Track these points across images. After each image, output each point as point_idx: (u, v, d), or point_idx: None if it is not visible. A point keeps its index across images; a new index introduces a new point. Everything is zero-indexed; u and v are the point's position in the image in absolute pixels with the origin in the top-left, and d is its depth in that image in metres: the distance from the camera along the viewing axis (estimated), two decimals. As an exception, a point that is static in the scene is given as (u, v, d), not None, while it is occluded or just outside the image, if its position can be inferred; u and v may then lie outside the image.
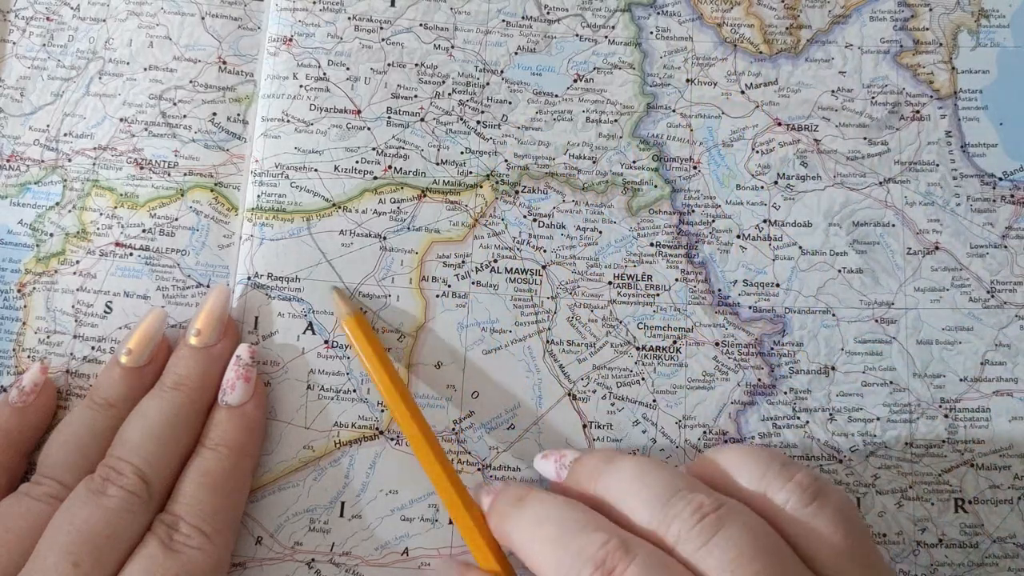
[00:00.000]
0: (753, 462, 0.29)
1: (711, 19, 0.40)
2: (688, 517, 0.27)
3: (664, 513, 0.27)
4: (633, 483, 0.29)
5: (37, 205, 0.38)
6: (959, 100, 0.39)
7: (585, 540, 0.27)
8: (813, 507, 0.28)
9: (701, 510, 0.27)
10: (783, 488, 0.28)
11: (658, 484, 0.28)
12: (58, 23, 0.40)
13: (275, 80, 0.38)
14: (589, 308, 0.37)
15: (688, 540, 0.26)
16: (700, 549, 0.26)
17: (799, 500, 0.28)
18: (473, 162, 0.38)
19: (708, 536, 0.26)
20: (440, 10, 0.39)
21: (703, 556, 0.26)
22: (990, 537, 0.35)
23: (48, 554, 0.29)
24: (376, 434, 0.35)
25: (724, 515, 0.27)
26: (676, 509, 0.27)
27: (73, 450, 0.33)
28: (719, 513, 0.27)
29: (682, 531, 0.27)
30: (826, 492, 0.28)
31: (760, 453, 0.29)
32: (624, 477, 0.29)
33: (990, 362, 0.37)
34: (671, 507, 0.27)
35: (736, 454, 0.30)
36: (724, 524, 0.27)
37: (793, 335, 0.37)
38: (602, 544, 0.27)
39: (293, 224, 0.37)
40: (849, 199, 0.38)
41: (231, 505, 0.33)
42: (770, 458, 0.29)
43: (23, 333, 0.37)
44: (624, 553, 0.27)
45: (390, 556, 0.35)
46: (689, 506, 0.27)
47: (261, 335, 0.36)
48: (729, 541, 0.26)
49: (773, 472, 0.28)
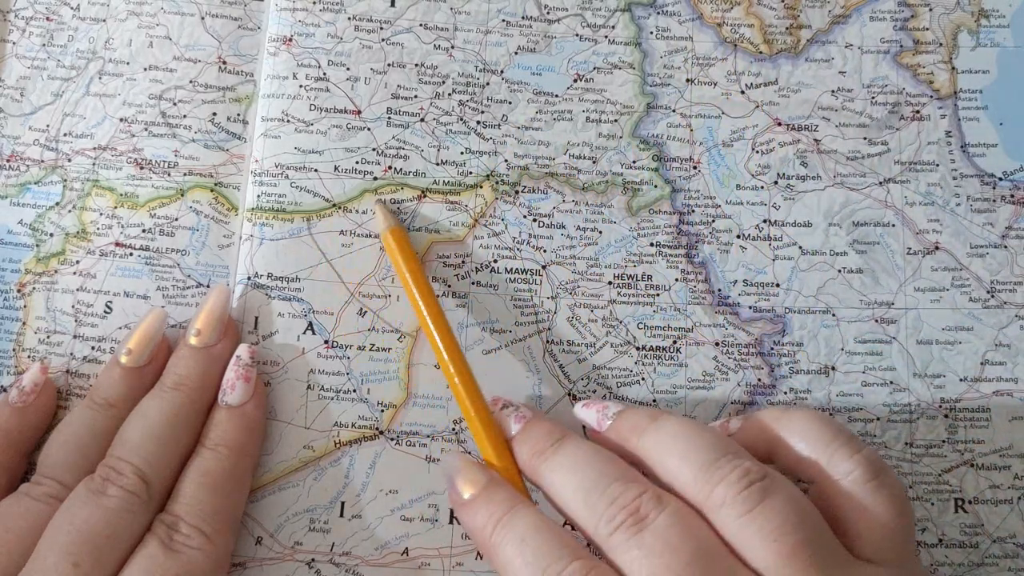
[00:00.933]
0: (822, 428, 0.29)
1: (711, 19, 0.40)
2: (735, 482, 0.27)
3: (708, 475, 0.27)
4: (677, 442, 0.29)
5: (37, 205, 0.38)
6: (959, 100, 0.39)
7: (621, 489, 0.28)
8: (874, 484, 0.28)
9: (748, 476, 0.27)
10: (850, 458, 0.28)
11: (704, 445, 0.28)
12: (58, 23, 0.40)
13: (275, 80, 0.38)
14: (589, 308, 0.37)
15: (732, 505, 0.26)
16: (743, 516, 0.26)
17: (863, 474, 0.28)
18: (473, 162, 0.38)
19: (753, 503, 0.26)
20: (440, 10, 0.39)
21: (745, 523, 0.26)
22: (990, 537, 0.35)
23: (48, 554, 0.29)
24: (376, 434, 0.35)
25: (769, 485, 0.27)
26: (722, 472, 0.27)
27: (73, 450, 0.33)
28: (764, 483, 0.27)
29: (727, 495, 0.27)
30: (887, 472, 0.28)
31: (830, 421, 0.29)
32: (669, 435, 0.29)
33: (990, 362, 0.37)
34: (716, 469, 0.27)
35: (805, 418, 0.29)
36: (769, 494, 0.27)
37: (793, 335, 0.37)
38: (637, 495, 0.27)
39: (293, 224, 0.37)
40: (849, 199, 0.38)
41: (231, 505, 0.33)
42: (839, 428, 0.29)
43: (23, 333, 0.37)
44: (656, 503, 0.27)
45: (390, 556, 0.35)
46: (736, 471, 0.27)
47: (261, 335, 0.36)
48: (774, 511, 0.26)
49: (841, 441, 0.28)
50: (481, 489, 0.30)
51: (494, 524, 0.29)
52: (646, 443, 0.30)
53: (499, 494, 0.30)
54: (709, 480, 0.27)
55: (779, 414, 0.30)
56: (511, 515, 0.29)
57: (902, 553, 0.28)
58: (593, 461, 0.29)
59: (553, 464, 0.30)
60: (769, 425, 0.30)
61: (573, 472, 0.29)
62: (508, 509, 0.29)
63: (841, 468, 0.28)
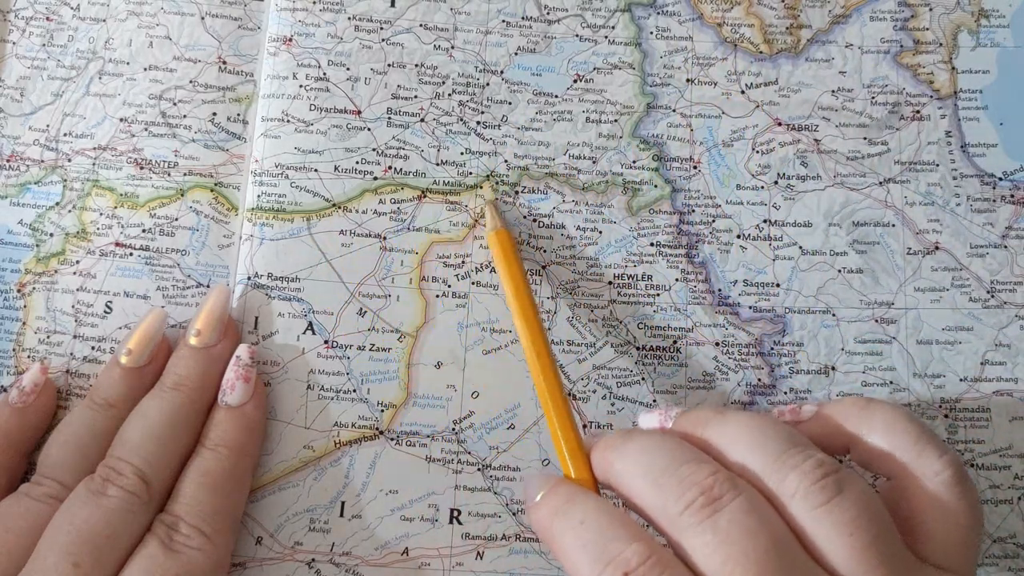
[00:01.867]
0: (909, 424, 0.28)
1: (711, 19, 0.40)
2: (809, 471, 0.26)
3: (780, 463, 0.26)
4: (745, 432, 0.28)
5: (37, 205, 0.38)
6: (959, 100, 0.39)
7: (693, 468, 0.27)
8: (960, 489, 0.27)
9: (822, 467, 0.26)
10: (939, 459, 0.27)
11: (774, 435, 0.27)
12: (58, 23, 0.40)
13: (275, 80, 0.38)
14: (589, 308, 0.37)
15: (807, 496, 0.26)
16: (818, 508, 0.25)
17: (952, 477, 0.27)
18: (473, 162, 0.38)
19: (829, 496, 0.26)
20: (440, 10, 0.39)
21: (820, 516, 0.25)
22: (990, 537, 0.35)
23: (48, 554, 0.29)
24: (376, 434, 0.35)
25: (844, 478, 0.26)
26: (794, 461, 0.26)
27: (73, 450, 0.33)
28: (839, 476, 0.26)
29: (802, 485, 0.26)
30: (970, 479, 0.28)
31: (917, 418, 0.29)
32: (736, 425, 0.28)
33: (990, 362, 0.37)
34: (789, 458, 0.26)
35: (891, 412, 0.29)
36: (845, 487, 0.26)
37: (793, 335, 0.37)
38: (711, 473, 0.26)
39: (293, 224, 0.37)
40: (849, 199, 0.38)
41: (231, 505, 0.33)
42: (925, 426, 0.28)
43: (23, 333, 0.37)
44: (732, 486, 0.26)
45: (390, 556, 0.35)
46: (809, 461, 0.26)
47: (261, 335, 0.36)
48: (850, 504, 0.25)
49: (927, 439, 0.28)
50: (549, 488, 0.29)
51: (554, 513, 0.28)
52: (711, 433, 0.28)
53: (563, 488, 0.29)
54: (781, 469, 0.26)
55: (860, 406, 0.29)
56: (571, 502, 0.28)
57: (970, 562, 0.27)
58: (663, 444, 0.28)
59: (622, 452, 0.28)
60: (847, 417, 0.29)
61: (642, 455, 0.28)
62: (570, 498, 0.28)
63: (930, 467, 0.27)
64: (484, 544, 0.35)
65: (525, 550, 0.35)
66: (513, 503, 0.35)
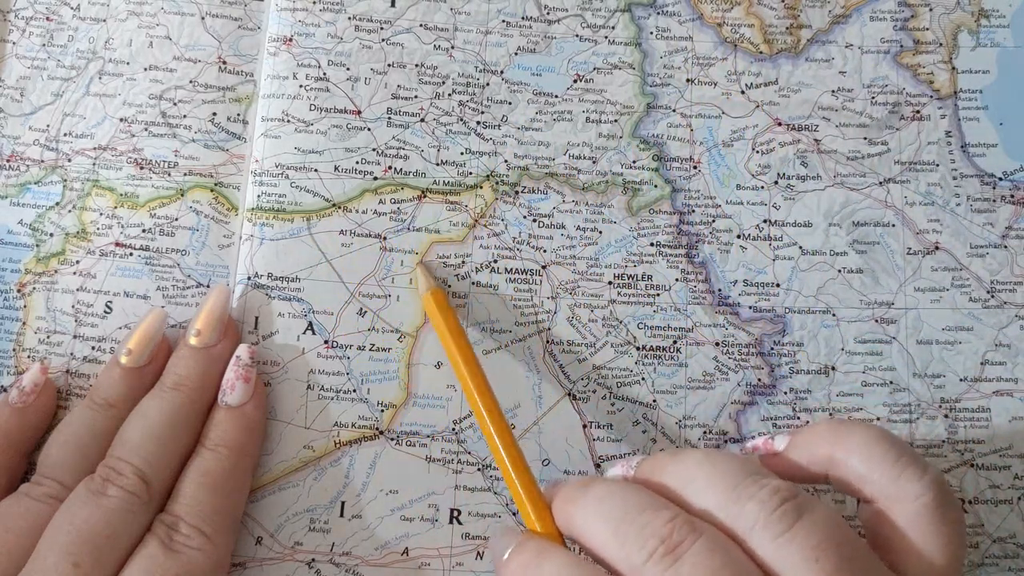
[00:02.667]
0: (887, 445, 0.27)
1: (711, 19, 0.40)
2: (766, 500, 0.25)
3: (736, 495, 0.26)
4: (701, 467, 0.27)
5: (37, 205, 0.38)
6: (959, 100, 0.39)
7: (651, 516, 0.26)
8: (942, 511, 0.26)
9: (779, 494, 0.25)
10: (919, 480, 0.26)
11: (728, 468, 0.27)
12: (58, 23, 0.40)
13: (275, 80, 0.38)
14: (589, 308, 0.37)
15: (767, 526, 0.25)
16: (780, 537, 0.25)
17: (934, 499, 0.26)
18: (473, 162, 0.38)
19: (789, 523, 0.25)
20: (440, 10, 0.39)
21: (782, 544, 0.25)
22: (990, 537, 0.35)
23: (48, 554, 0.29)
24: (376, 434, 0.35)
25: (804, 503, 0.25)
26: (750, 491, 0.26)
27: (73, 450, 0.33)
28: (798, 500, 0.25)
29: (760, 515, 0.25)
30: (954, 499, 0.27)
31: (894, 437, 0.28)
32: (690, 463, 0.28)
33: (990, 362, 0.37)
34: (744, 489, 0.26)
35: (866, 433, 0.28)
36: (805, 511, 0.25)
37: (793, 335, 0.37)
38: (668, 520, 0.26)
39: (293, 224, 0.37)
40: (849, 199, 0.38)
41: (231, 505, 0.33)
42: (904, 445, 0.28)
43: (23, 333, 0.37)
44: (691, 529, 0.25)
45: (390, 556, 0.35)
46: (764, 490, 0.26)
47: (261, 335, 0.36)
48: (812, 529, 0.25)
49: (907, 460, 0.27)
50: (516, 544, 0.29)
51: (524, 570, 0.28)
52: (668, 475, 0.28)
53: (531, 543, 0.29)
54: (738, 500, 0.26)
55: (836, 427, 0.28)
56: (541, 557, 0.28)
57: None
58: (621, 492, 0.28)
59: (582, 504, 0.28)
60: (822, 440, 0.28)
61: (601, 505, 0.28)
62: (539, 553, 0.28)
63: (910, 490, 0.26)
64: (484, 544, 0.35)
65: (525, 550, 0.35)
66: (513, 503, 0.35)
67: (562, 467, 0.35)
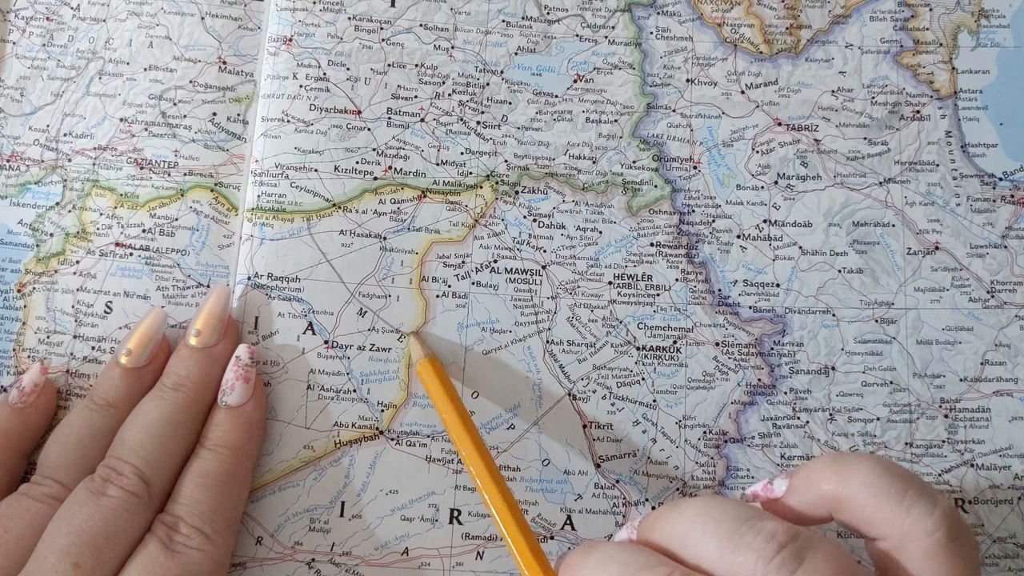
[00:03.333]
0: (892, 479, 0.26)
1: (711, 19, 0.40)
2: (763, 547, 0.24)
3: (733, 545, 0.25)
4: (697, 519, 0.26)
5: (37, 205, 0.38)
6: (959, 100, 0.39)
7: (649, 574, 0.25)
8: (956, 545, 0.25)
9: (776, 539, 0.24)
10: (930, 516, 0.25)
11: (724, 516, 0.26)
12: (58, 23, 0.40)
13: (275, 80, 0.38)
14: (589, 308, 0.37)
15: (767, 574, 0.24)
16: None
17: (947, 534, 0.25)
18: (473, 162, 0.38)
19: (791, 569, 0.24)
20: (440, 10, 0.39)
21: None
22: (990, 537, 0.35)
23: (48, 554, 0.29)
24: (376, 434, 0.35)
25: (804, 545, 0.24)
26: (747, 539, 0.25)
27: (73, 450, 0.33)
28: (797, 544, 0.24)
29: (759, 566, 0.24)
30: (967, 530, 0.26)
31: (898, 469, 0.26)
32: (687, 516, 0.27)
33: (990, 362, 0.37)
34: (740, 537, 0.25)
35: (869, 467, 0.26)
36: (805, 555, 0.24)
37: (793, 335, 0.37)
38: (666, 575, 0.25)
39: (293, 224, 0.37)
40: (849, 199, 0.38)
41: (231, 505, 0.33)
42: (908, 476, 0.26)
43: (23, 333, 0.37)
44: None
45: (390, 556, 0.35)
46: (760, 536, 0.25)
47: (261, 335, 0.36)
48: (815, 571, 0.24)
49: (915, 494, 0.26)
50: None
51: None
52: (667, 532, 0.27)
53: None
54: (735, 551, 0.25)
55: (836, 464, 0.27)
56: None
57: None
58: (619, 555, 0.27)
59: (583, 565, 0.27)
60: (823, 478, 0.27)
61: (601, 567, 0.27)
62: None
63: (921, 528, 0.25)
64: (484, 544, 0.35)
65: (525, 550, 0.35)
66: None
67: (562, 467, 0.35)
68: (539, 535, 0.35)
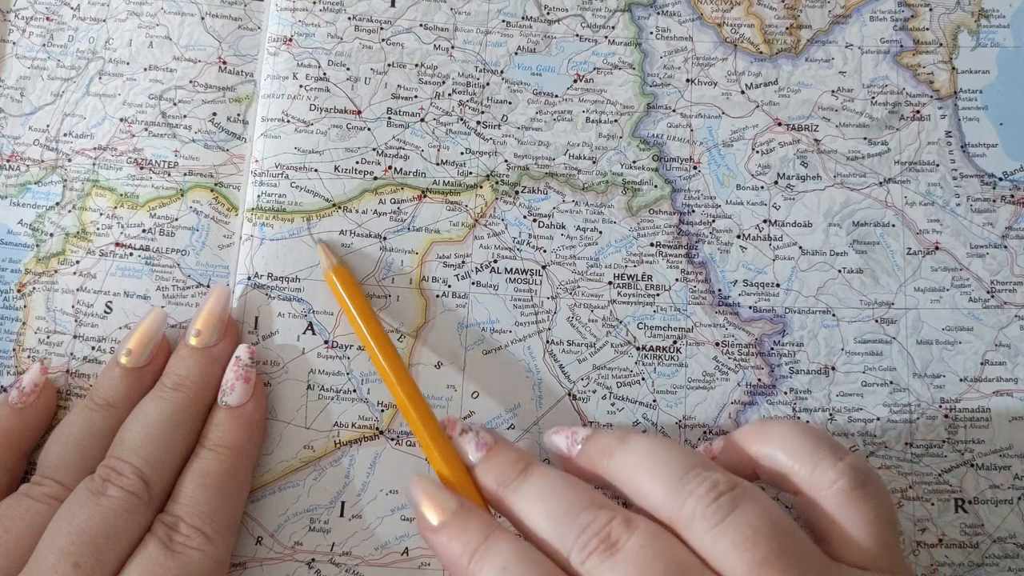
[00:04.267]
0: (803, 438, 0.29)
1: (711, 19, 0.40)
2: (703, 495, 0.27)
3: (678, 490, 0.27)
4: (646, 461, 0.29)
5: (37, 205, 0.38)
6: (959, 100, 0.39)
7: (590, 515, 0.27)
8: (860, 492, 0.27)
9: (716, 488, 0.27)
10: (834, 467, 0.28)
11: (672, 462, 0.28)
12: (58, 23, 0.40)
13: (275, 80, 0.38)
14: (589, 308, 0.37)
15: (703, 518, 0.26)
16: (714, 528, 0.26)
17: (849, 483, 0.27)
18: (473, 162, 0.38)
19: (724, 515, 0.26)
20: (440, 10, 0.39)
21: (717, 535, 0.26)
22: (990, 537, 0.35)
23: (48, 555, 0.29)
24: (376, 434, 0.35)
25: (739, 495, 0.27)
26: (690, 486, 0.27)
27: (73, 450, 0.33)
28: (734, 493, 0.27)
29: (697, 509, 0.27)
30: (873, 480, 0.28)
31: (811, 429, 0.29)
32: (637, 455, 0.29)
33: (990, 362, 0.37)
34: (685, 484, 0.27)
35: (784, 429, 0.29)
36: (739, 503, 0.26)
37: (793, 335, 0.37)
38: (607, 520, 0.27)
39: (293, 224, 0.37)
40: (849, 199, 0.38)
41: (231, 506, 0.33)
42: (820, 435, 0.29)
43: (23, 333, 0.37)
44: (627, 526, 0.27)
45: (390, 556, 0.35)
46: (703, 485, 0.27)
47: (261, 335, 0.36)
48: (744, 520, 0.26)
49: (824, 450, 0.28)
50: (451, 515, 0.29)
51: (471, 554, 0.28)
52: (615, 465, 0.29)
53: (472, 521, 0.29)
54: (679, 495, 0.27)
55: (758, 428, 0.30)
56: (488, 543, 0.28)
57: (891, 558, 0.28)
58: (561, 489, 0.29)
59: (521, 494, 0.29)
60: (748, 440, 0.30)
61: (541, 501, 0.28)
62: (485, 537, 0.28)
63: (826, 478, 0.28)
64: (484, 544, 0.35)
65: (525, 550, 0.35)
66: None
67: (562, 467, 0.35)
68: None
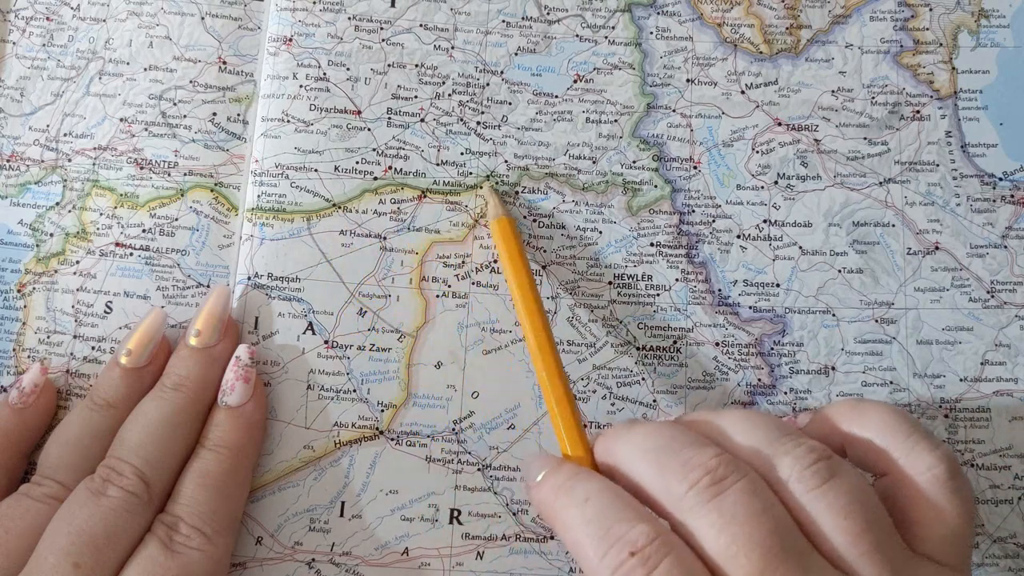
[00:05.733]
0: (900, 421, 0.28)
1: (711, 19, 0.40)
2: (803, 456, 0.26)
3: (774, 449, 0.27)
4: (739, 422, 0.28)
5: (37, 205, 0.38)
6: (959, 100, 0.39)
7: (696, 451, 0.27)
8: (953, 484, 0.27)
9: (814, 452, 0.27)
10: (931, 453, 0.27)
11: (766, 425, 0.28)
12: (58, 23, 0.40)
13: (275, 80, 0.38)
14: (589, 308, 0.37)
15: (801, 479, 0.26)
16: (813, 490, 0.26)
17: (944, 472, 0.27)
18: (473, 162, 0.38)
19: (824, 479, 0.26)
20: (440, 11, 0.39)
21: (816, 498, 0.26)
22: (990, 537, 0.35)
23: (48, 555, 0.29)
24: (376, 434, 0.35)
25: (836, 464, 0.27)
26: (787, 447, 0.27)
27: (73, 451, 0.33)
28: (832, 461, 0.27)
29: (795, 469, 0.26)
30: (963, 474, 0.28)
31: (907, 415, 0.29)
32: (731, 417, 0.29)
33: (990, 362, 0.37)
34: (781, 444, 0.27)
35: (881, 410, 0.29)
36: (837, 472, 0.26)
37: (793, 335, 0.37)
38: (714, 455, 0.27)
39: (293, 224, 0.37)
40: (849, 199, 0.38)
41: (231, 506, 0.33)
42: (916, 422, 0.29)
43: (23, 333, 0.37)
44: (736, 468, 0.26)
45: (390, 556, 0.35)
46: (801, 447, 0.27)
47: (261, 335, 0.36)
48: (842, 488, 0.26)
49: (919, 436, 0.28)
50: (550, 469, 0.29)
51: (557, 491, 0.28)
52: (708, 425, 0.29)
53: (565, 468, 0.29)
54: (775, 454, 0.27)
55: (852, 406, 0.30)
56: (575, 480, 0.28)
57: (964, 557, 0.27)
58: (666, 430, 0.28)
59: (626, 439, 0.29)
60: (841, 417, 0.30)
61: (644, 440, 0.28)
62: (573, 476, 0.28)
63: (921, 463, 0.28)
64: (484, 544, 0.35)
65: (525, 550, 0.35)
66: (513, 503, 0.35)
67: (562, 467, 0.35)
68: (539, 535, 0.35)
